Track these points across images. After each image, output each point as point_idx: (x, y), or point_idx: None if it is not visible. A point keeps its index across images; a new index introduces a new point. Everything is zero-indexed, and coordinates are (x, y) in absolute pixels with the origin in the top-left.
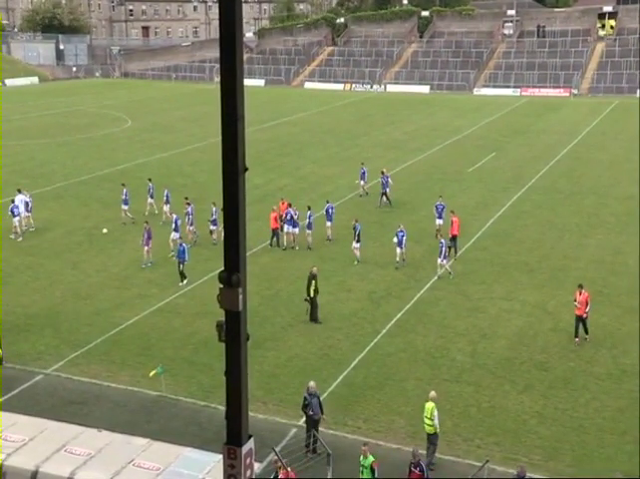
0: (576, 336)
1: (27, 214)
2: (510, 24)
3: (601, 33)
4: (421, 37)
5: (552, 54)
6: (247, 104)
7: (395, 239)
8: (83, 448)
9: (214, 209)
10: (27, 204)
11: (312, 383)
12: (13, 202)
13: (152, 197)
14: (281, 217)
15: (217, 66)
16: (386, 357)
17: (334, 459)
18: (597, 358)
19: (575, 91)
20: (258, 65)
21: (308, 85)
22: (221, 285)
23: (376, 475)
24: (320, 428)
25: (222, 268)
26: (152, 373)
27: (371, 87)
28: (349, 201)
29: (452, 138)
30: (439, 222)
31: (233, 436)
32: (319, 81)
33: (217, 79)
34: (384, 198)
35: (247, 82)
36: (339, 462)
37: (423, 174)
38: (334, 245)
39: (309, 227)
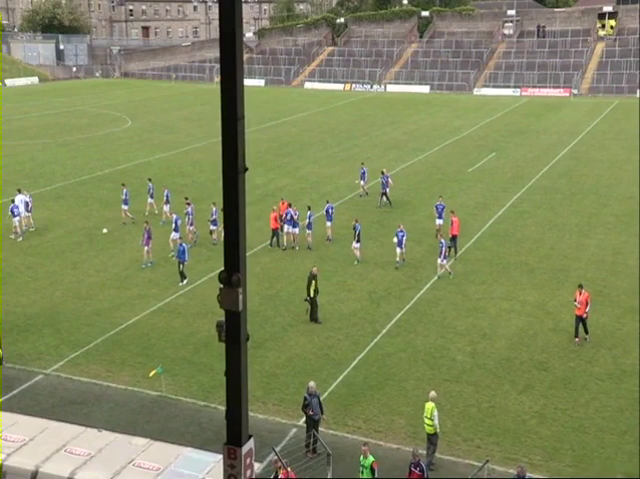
0: (576, 336)
1: (27, 214)
2: (510, 24)
3: (601, 33)
4: (421, 37)
5: (552, 54)
6: (247, 104)
7: (395, 239)
8: (83, 448)
9: (214, 209)
10: (27, 204)
11: (312, 383)
12: (13, 202)
13: (152, 197)
14: (281, 217)
15: (217, 66)
16: (386, 357)
17: (334, 459)
18: (597, 358)
19: (575, 91)
20: (258, 65)
21: (308, 85)
22: (221, 285)
23: (376, 475)
24: (320, 428)
25: (222, 268)
26: (152, 373)
27: (371, 87)
28: (349, 201)
29: (452, 138)
30: (439, 222)
31: (233, 436)
32: (319, 81)
33: (217, 79)
34: (384, 198)
35: (247, 82)
36: (339, 462)
37: (423, 174)
38: (334, 245)
39: (309, 227)
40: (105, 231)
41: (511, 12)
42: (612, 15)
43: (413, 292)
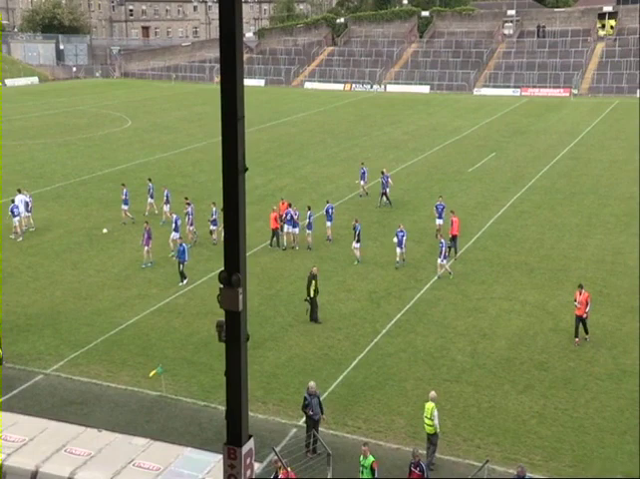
0: (576, 336)
1: (27, 214)
2: (510, 24)
3: (601, 33)
4: (421, 37)
5: (552, 54)
6: (247, 104)
7: (395, 239)
8: (83, 448)
9: (214, 209)
10: (27, 204)
11: (312, 383)
12: (13, 202)
13: (152, 197)
14: (281, 217)
15: (217, 66)
16: (386, 357)
17: (334, 459)
18: (597, 358)
19: (575, 91)
20: (258, 65)
21: (308, 85)
22: (221, 285)
23: (376, 475)
24: (320, 428)
25: (222, 268)
26: (152, 373)
27: (371, 87)
28: (349, 201)
29: (452, 138)
30: (439, 222)
31: (233, 436)
32: (319, 81)
33: (217, 79)
34: (384, 198)
35: (247, 82)
36: (339, 462)
37: (423, 174)
38: (334, 245)
39: (309, 227)
40: (105, 230)
41: (511, 12)
42: (612, 15)
43: (413, 292)
